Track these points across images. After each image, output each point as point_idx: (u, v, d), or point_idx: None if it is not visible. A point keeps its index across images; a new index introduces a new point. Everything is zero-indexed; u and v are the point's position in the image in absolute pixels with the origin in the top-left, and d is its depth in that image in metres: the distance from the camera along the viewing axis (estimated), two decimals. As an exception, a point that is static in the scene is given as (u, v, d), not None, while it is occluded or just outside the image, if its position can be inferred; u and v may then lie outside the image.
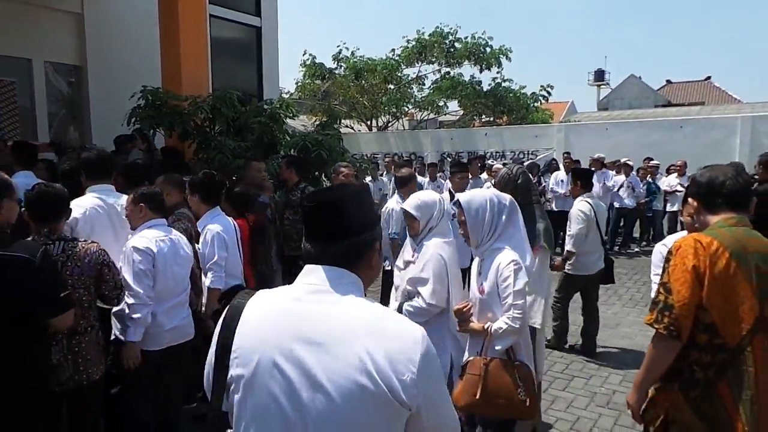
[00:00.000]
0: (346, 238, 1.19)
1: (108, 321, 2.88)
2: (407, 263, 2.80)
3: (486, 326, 2.43)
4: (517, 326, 2.35)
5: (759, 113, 13.53)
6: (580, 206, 4.80)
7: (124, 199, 3.16)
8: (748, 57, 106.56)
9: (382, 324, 1.11)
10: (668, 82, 41.59)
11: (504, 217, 2.47)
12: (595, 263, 4.84)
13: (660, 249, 2.59)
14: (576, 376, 4.51)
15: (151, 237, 2.85)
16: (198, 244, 3.47)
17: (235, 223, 3.66)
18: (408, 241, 2.90)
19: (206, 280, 3.39)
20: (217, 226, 3.44)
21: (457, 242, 2.86)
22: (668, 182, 9.70)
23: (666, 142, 11.11)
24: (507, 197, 2.56)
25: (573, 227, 4.79)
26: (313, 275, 1.18)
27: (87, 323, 2.54)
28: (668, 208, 9.76)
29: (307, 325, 1.11)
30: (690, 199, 2.04)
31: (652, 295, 2.36)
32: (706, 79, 39.85)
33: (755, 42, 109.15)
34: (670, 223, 9.84)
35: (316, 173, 5.97)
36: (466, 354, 2.58)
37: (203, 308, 3.38)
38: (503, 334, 2.37)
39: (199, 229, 3.55)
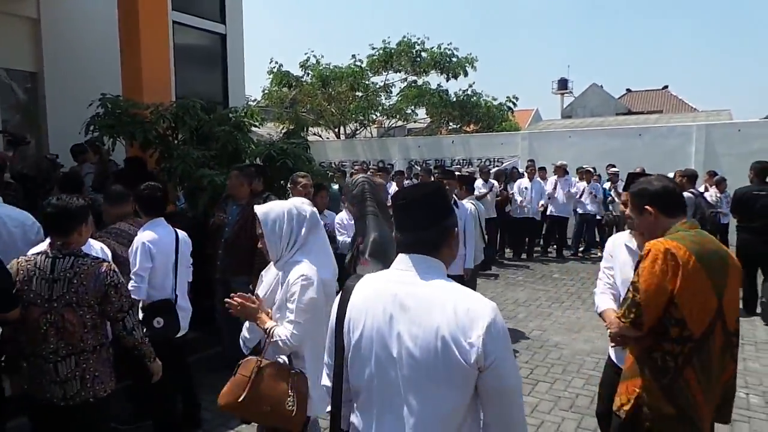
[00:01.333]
0: (431, 226, 1.48)
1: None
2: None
3: (268, 328, 2.27)
4: (290, 345, 2.22)
5: (713, 122, 14.09)
6: (467, 206, 5.42)
7: (11, 210, 3.27)
8: (703, 67, 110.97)
9: (457, 300, 1.38)
10: (628, 90, 42.90)
11: (304, 229, 2.33)
12: (477, 257, 5.35)
13: (613, 241, 2.81)
14: (540, 380, 4.59)
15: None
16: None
17: (180, 234, 3.56)
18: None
19: None
20: (146, 236, 3.37)
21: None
22: (628, 189, 9.99)
23: (625, 149, 11.44)
24: (308, 209, 2.40)
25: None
26: (403, 263, 1.50)
27: (95, 341, 2.49)
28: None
29: (399, 299, 1.43)
30: (647, 207, 2.20)
31: (597, 286, 2.77)
32: (663, 88, 41.29)
33: (710, 52, 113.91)
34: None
35: (282, 182, 5.93)
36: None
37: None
38: (276, 346, 2.25)
39: None
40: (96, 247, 3.14)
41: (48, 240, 2.63)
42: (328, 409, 1.68)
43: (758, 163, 6.46)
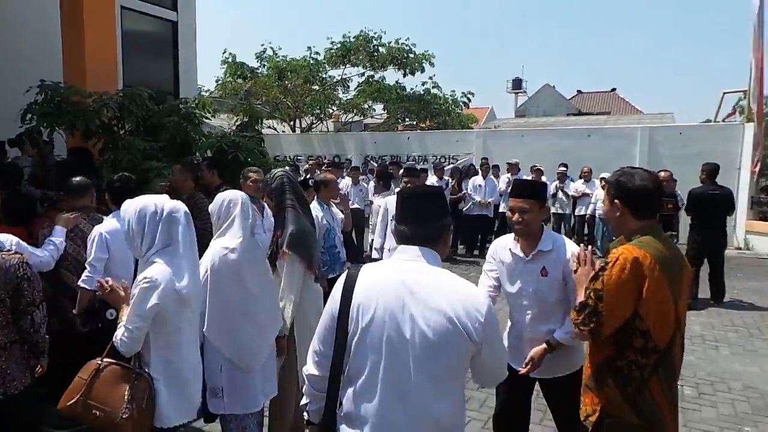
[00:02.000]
0: (432, 221, 1.66)
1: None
2: None
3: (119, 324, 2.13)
4: (123, 349, 2.08)
5: (656, 124, 14.70)
6: (378, 201, 5.62)
7: None
8: (648, 72, 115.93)
9: (459, 286, 1.58)
10: (579, 92, 44.25)
11: (161, 227, 2.17)
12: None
13: (496, 245, 2.83)
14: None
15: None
16: None
17: None
18: None
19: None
20: (105, 226, 3.29)
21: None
22: (575, 187, 10.32)
23: (575, 149, 11.81)
24: (170, 207, 2.22)
25: (374, 219, 5.73)
26: (407, 252, 1.64)
27: (6, 339, 2.39)
28: (576, 212, 10.37)
29: (408, 284, 1.55)
30: (616, 201, 2.07)
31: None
32: (611, 91, 42.80)
33: (654, 58, 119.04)
34: (579, 226, 10.47)
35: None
36: None
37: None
38: (118, 344, 2.11)
39: None
40: (4, 240, 2.98)
41: None
42: (304, 400, 1.71)
43: (708, 164, 6.73)
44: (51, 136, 5.37)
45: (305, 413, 1.76)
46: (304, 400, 1.74)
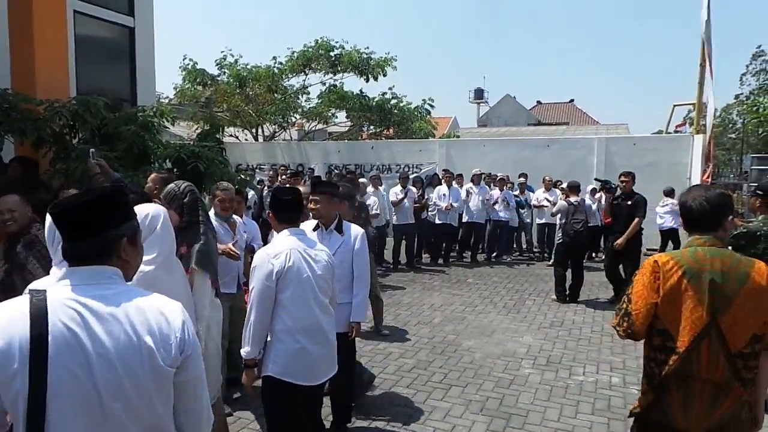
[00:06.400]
0: (100, 233, 1.42)
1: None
2: None
3: None
4: None
5: (612, 135, 15.17)
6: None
7: None
8: (604, 83, 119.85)
9: (149, 303, 1.42)
10: (538, 102, 45.43)
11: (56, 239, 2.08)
12: None
13: None
14: (453, 385, 4.68)
15: None
16: None
17: None
18: None
19: None
20: None
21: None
22: (536, 197, 10.54)
23: (536, 158, 12.08)
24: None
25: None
26: (76, 276, 1.40)
27: None
28: (537, 221, 10.58)
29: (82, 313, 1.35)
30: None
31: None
32: (570, 102, 44.10)
33: (610, 70, 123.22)
34: (540, 234, 10.68)
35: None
36: None
37: None
38: None
39: None
40: None
41: None
42: None
43: (626, 172, 7.43)
44: (1, 145, 5.12)
45: None
46: None
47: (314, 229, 3.59)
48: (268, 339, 2.88)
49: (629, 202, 7.18)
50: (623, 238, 7.05)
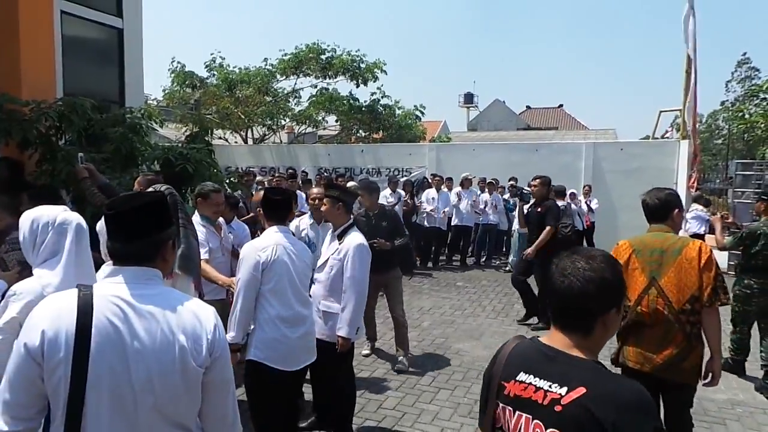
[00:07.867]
0: (147, 236, 1.51)
1: None
2: None
3: None
4: None
5: (600, 140, 15.30)
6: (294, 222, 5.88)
7: None
8: (592, 89, 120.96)
9: (185, 304, 1.51)
10: (528, 107, 45.73)
11: (49, 238, 2.10)
12: None
13: None
14: (442, 388, 4.69)
15: None
16: None
17: None
18: None
19: None
20: None
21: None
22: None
23: (524, 163, 12.13)
24: (62, 218, 2.15)
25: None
26: (120, 275, 1.49)
27: None
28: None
29: (124, 310, 1.44)
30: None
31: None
32: (559, 107, 44.44)
33: (598, 76, 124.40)
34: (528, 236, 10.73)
35: (183, 190, 5.63)
36: None
37: None
38: None
39: None
40: None
41: None
42: None
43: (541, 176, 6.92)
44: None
45: None
46: None
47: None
48: (252, 327, 3.02)
49: (539, 209, 6.50)
50: (533, 248, 6.37)
